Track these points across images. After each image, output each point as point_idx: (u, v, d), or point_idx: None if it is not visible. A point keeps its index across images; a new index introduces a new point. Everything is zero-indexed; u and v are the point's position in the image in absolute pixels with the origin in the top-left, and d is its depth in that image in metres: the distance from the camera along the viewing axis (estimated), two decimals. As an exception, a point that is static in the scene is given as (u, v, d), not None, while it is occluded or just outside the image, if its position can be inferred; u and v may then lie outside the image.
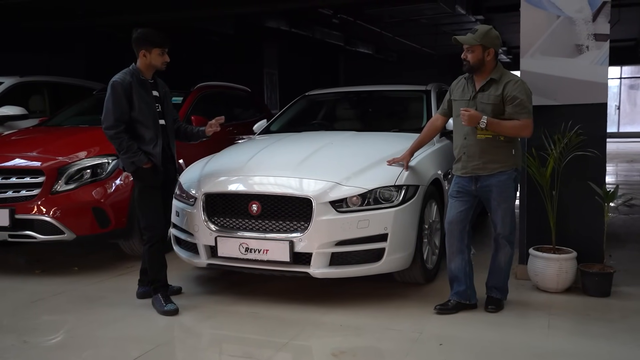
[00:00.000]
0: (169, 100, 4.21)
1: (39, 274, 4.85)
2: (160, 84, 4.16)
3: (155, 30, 4.02)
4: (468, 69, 3.70)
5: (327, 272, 3.87)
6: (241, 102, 7.58)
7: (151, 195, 3.96)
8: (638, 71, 23.66)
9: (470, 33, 3.68)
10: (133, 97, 3.88)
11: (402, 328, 3.57)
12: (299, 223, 3.88)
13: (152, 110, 3.96)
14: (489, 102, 3.66)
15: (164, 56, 3.99)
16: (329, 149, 4.47)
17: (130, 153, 3.85)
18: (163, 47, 3.98)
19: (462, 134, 3.74)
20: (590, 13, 4.15)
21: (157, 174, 3.96)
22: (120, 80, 3.89)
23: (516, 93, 3.60)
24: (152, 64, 3.98)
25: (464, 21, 12.73)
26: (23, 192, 4.69)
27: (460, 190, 3.77)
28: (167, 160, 4.07)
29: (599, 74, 4.18)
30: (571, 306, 3.87)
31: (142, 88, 3.95)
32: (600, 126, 4.21)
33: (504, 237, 3.76)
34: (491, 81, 3.68)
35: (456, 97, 3.83)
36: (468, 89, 3.77)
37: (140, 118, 3.90)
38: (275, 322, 3.69)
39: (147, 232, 3.99)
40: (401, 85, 6.00)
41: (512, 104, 3.60)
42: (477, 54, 3.62)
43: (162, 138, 4.00)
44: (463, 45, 3.68)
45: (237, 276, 4.50)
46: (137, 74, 3.96)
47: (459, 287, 3.80)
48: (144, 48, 3.95)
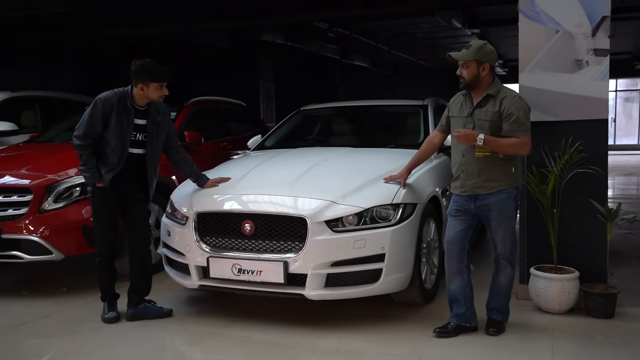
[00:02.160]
0: (163, 129, 4.13)
1: (26, 295, 4.71)
2: (154, 111, 4.06)
3: (156, 63, 3.96)
4: (464, 86, 3.60)
5: (322, 294, 3.75)
6: (235, 116, 7.49)
7: (101, 214, 4.04)
8: (633, 84, 23.75)
9: (464, 49, 3.59)
10: (110, 120, 3.89)
11: (400, 353, 3.44)
12: (293, 243, 3.76)
13: (125, 138, 3.94)
14: (486, 119, 3.56)
15: (162, 90, 3.96)
16: (324, 166, 4.36)
17: (86, 167, 3.93)
18: (161, 81, 3.93)
19: (460, 152, 3.64)
20: (590, 28, 4.08)
21: (108, 196, 3.98)
22: (104, 100, 3.90)
23: (513, 110, 3.50)
24: (149, 97, 3.96)
25: (460, 35, 12.73)
26: (10, 211, 4.57)
27: (459, 209, 3.67)
28: (135, 186, 4.07)
29: (599, 90, 4.09)
30: (575, 329, 3.75)
31: (125, 114, 3.92)
32: (602, 142, 4.12)
33: (505, 258, 3.65)
34: (488, 97, 3.59)
35: (454, 114, 3.73)
36: (466, 106, 3.68)
37: (110, 141, 3.92)
38: (268, 347, 3.56)
39: (96, 247, 4.13)
40: (398, 100, 5.92)
41: (509, 120, 3.50)
42: (472, 70, 3.53)
43: (130, 166, 3.98)
44: (458, 62, 3.60)
45: (229, 297, 4.37)
46: (126, 99, 3.93)
47: (458, 309, 3.69)
48: (141, 81, 3.91)
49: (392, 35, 11.82)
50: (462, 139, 3.50)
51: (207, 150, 6.19)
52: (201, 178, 4.29)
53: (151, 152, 4.07)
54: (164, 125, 4.14)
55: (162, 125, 4.11)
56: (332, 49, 14.33)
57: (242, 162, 4.85)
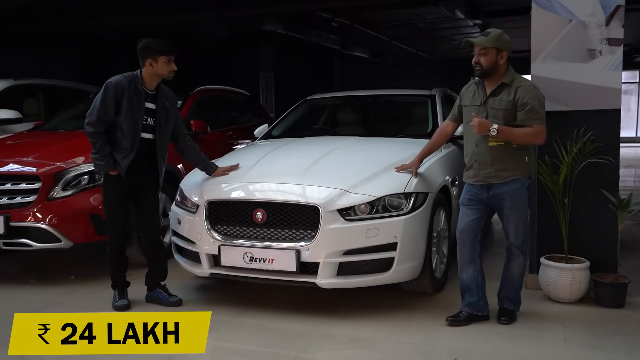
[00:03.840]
0: (172, 115, 4.11)
1: (34, 283, 4.69)
2: (163, 97, 4.05)
3: (160, 38, 3.95)
4: (481, 73, 3.57)
5: (334, 282, 3.75)
6: (240, 105, 7.46)
7: (113, 202, 3.99)
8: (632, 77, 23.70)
9: (482, 36, 3.57)
10: (122, 103, 3.86)
11: (413, 341, 3.45)
12: (305, 232, 3.76)
13: (137, 122, 3.91)
14: (500, 108, 3.55)
15: (170, 64, 3.93)
16: (335, 155, 4.35)
17: (100, 155, 3.87)
18: (169, 54, 3.91)
19: (474, 141, 3.63)
20: (604, 17, 4.06)
21: (122, 183, 3.93)
22: (115, 83, 3.86)
23: (527, 99, 3.49)
24: (158, 73, 3.93)
25: (462, 25, 12.69)
26: (18, 199, 4.54)
27: (472, 198, 3.66)
28: (146, 173, 4.05)
29: (612, 79, 4.09)
30: (586, 318, 3.76)
31: (136, 97, 3.89)
32: (614, 132, 4.13)
33: (517, 247, 3.65)
34: (502, 85, 3.57)
35: (466, 103, 3.72)
36: (479, 94, 3.66)
37: (122, 125, 3.88)
38: (282, 335, 3.57)
39: (108, 235, 4.09)
40: (405, 90, 5.90)
41: (524, 109, 3.48)
42: (491, 57, 3.51)
43: (141, 152, 3.95)
44: (474, 49, 3.57)
45: (239, 286, 4.36)
46: (136, 82, 3.91)
47: (470, 298, 3.69)
48: (150, 57, 3.89)
49: (395, 26, 11.76)
50: (477, 128, 3.48)
51: (212, 139, 6.16)
52: (210, 166, 4.27)
53: (160, 137, 4.05)
54: (172, 111, 4.12)
55: (170, 110, 4.10)
56: (333, 39, 14.26)
57: (252, 151, 4.83)
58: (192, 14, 8.95)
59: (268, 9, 8.22)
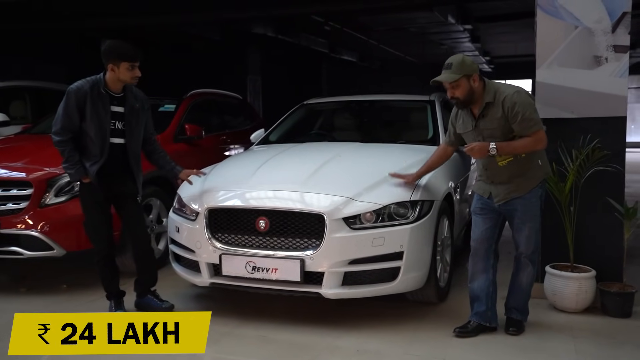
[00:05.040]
0: (143, 118, 3.96)
1: (25, 293, 4.54)
2: (132, 99, 3.89)
3: (125, 42, 3.78)
4: (462, 105, 3.48)
5: (339, 293, 3.65)
6: (232, 109, 7.34)
7: (92, 210, 3.89)
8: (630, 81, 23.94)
9: (445, 71, 3.42)
10: (86, 109, 3.71)
11: (422, 353, 3.37)
12: (309, 240, 3.66)
13: (104, 127, 3.76)
14: (493, 127, 3.44)
15: (133, 71, 3.76)
16: (337, 162, 4.26)
17: (70, 164, 3.76)
18: (132, 61, 3.74)
19: (483, 165, 3.57)
20: (610, 24, 4.03)
21: (96, 191, 3.82)
22: (76, 89, 3.73)
23: (517, 108, 3.35)
24: (120, 79, 3.77)
25: (452, 30, 12.72)
26: (9, 205, 4.39)
27: (484, 207, 3.59)
28: (121, 179, 3.91)
29: (618, 87, 4.05)
30: (594, 328, 3.71)
31: (100, 101, 3.74)
32: (620, 140, 4.08)
33: (527, 257, 3.60)
34: (488, 105, 3.45)
35: (461, 131, 3.65)
36: (467, 120, 3.57)
37: (89, 131, 3.75)
38: (286, 347, 3.47)
39: (93, 245, 3.99)
40: (404, 95, 5.82)
41: (516, 121, 3.36)
42: (464, 87, 3.39)
43: (113, 157, 3.82)
44: (444, 84, 3.46)
45: (238, 295, 4.23)
46: (99, 86, 3.76)
47: (479, 307, 3.62)
48: (112, 61, 3.73)
49: (386, 30, 11.72)
50: (476, 153, 3.42)
51: (207, 144, 6.05)
52: (175, 169, 4.17)
53: (131, 140, 3.90)
54: (143, 113, 3.97)
55: (141, 113, 3.95)
56: (322, 42, 14.20)
57: (251, 157, 4.73)
58: (184, 15, 8.80)
59: (263, 11, 8.09)
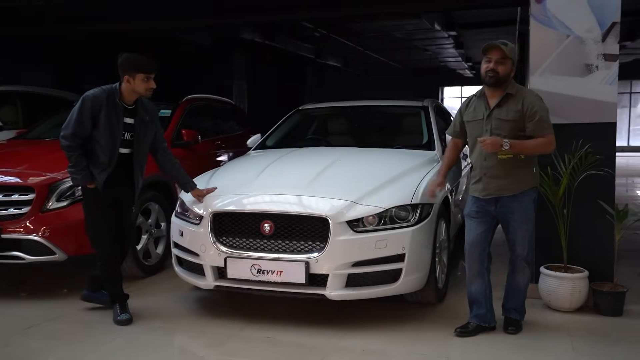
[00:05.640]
0: (151, 129, 4.05)
1: (26, 297, 4.55)
2: (142, 111, 3.99)
3: (142, 55, 3.89)
4: (495, 81, 3.55)
5: (343, 294, 3.74)
6: (226, 115, 7.40)
7: (95, 215, 3.93)
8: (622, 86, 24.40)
9: (502, 44, 3.54)
10: (99, 118, 3.79)
11: (426, 352, 3.47)
12: (314, 243, 3.74)
13: (115, 137, 3.85)
14: (507, 119, 3.56)
15: (148, 82, 3.87)
16: (338, 167, 4.35)
17: (76, 169, 3.82)
18: (148, 72, 3.84)
19: (482, 156, 3.64)
20: (600, 33, 4.19)
21: (100, 196, 3.88)
22: (92, 97, 3.80)
23: (537, 108, 3.53)
24: (135, 90, 3.86)
25: (437, 37, 12.92)
26: (10, 210, 4.40)
27: (479, 210, 3.70)
28: (123, 187, 3.98)
29: (608, 94, 4.21)
30: (589, 327, 3.85)
31: (113, 112, 3.83)
32: (610, 145, 4.24)
33: (523, 259, 3.71)
34: (508, 96, 3.59)
35: (468, 119, 3.75)
36: (480, 108, 3.69)
37: (100, 140, 3.82)
38: (293, 348, 3.54)
39: (96, 250, 4.02)
40: (397, 101, 5.95)
41: (533, 120, 3.52)
42: (508, 67, 3.54)
43: (118, 166, 3.89)
44: (490, 55, 3.54)
45: (241, 298, 4.29)
46: (115, 96, 3.85)
47: (479, 310, 3.73)
48: (128, 73, 3.83)
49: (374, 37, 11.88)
50: (490, 147, 3.47)
51: (203, 149, 6.10)
52: (189, 184, 4.21)
53: (138, 152, 3.99)
54: (151, 125, 4.06)
55: (149, 125, 4.04)
56: (308, 48, 14.32)
57: (252, 162, 4.81)
58: (174, 21, 8.81)
59: (253, 18, 8.16)
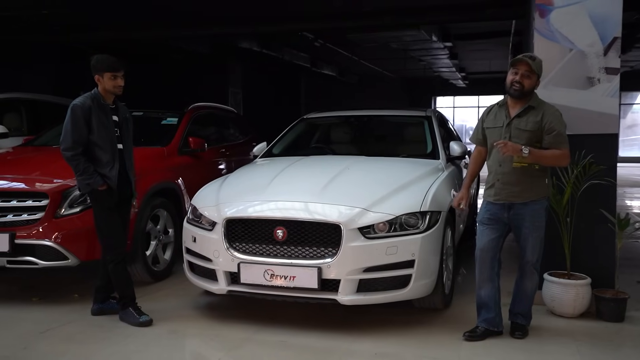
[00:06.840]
0: (129, 125, 4.31)
1: (37, 302, 4.60)
2: (121, 109, 4.25)
3: (107, 55, 4.13)
4: (519, 94, 3.68)
5: (355, 299, 3.83)
6: (229, 123, 7.48)
7: (109, 216, 4.08)
8: None
9: (529, 59, 3.67)
10: (92, 121, 4.01)
11: (437, 355, 3.56)
12: (326, 249, 3.83)
13: (111, 133, 4.08)
14: (526, 129, 3.68)
15: (115, 80, 4.08)
16: (348, 174, 4.45)
17: (86, 175, 3.98)
18: (114, 71, 4.06)
19: (497, 161, 3.77)
20: (602, 47, 4.33)
21: (112, 196, 4.07)
22: (80, 104, 4.01)
23: (555, 124, 3.66)
24: (105, 88, 4.09)
25: (433, 47, 13.09)
26: (24, 216, 4.46)
27: (492, 217, 3.81)
28: (123, 182, 4.17)
29: (610, 106, 4.35)
30: (593, 332, 3.96)
31: (102, 112, 4.06)
32: (612, 155, 4.38)
33: (532, 265, 3.82)
34: (529, 108, 3.72)
35: (489, 125, 3.87)
36: (500, 116, 3.80)
37: (98, 141, 4.02)
38: (308, 352, 3.62)
39: (109, 251, 4.11)
40: (400, 111, 6.08)
41: (551, 134, 3.65)
42: (533, 81, 3.68)
43: (119, 161, 4.11)
44: (518, 67, 3.67)
45: (252, 302, 4.35)
46: (98, 98, 4.08)
47: (487, 314, 3.83)
48: (98, 73, 4.08)
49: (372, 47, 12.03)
50: (509, 149, 3.57)
51: (208, 157, 6.18)
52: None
53: (126, 146, 4.23)
54: (129, 121, 4.31)
55: (129, 122, 4.31)
56: (303, 57, 14.45)
57: (261, 169, 4.90)
58: (173, 30, 8.92)
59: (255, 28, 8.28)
